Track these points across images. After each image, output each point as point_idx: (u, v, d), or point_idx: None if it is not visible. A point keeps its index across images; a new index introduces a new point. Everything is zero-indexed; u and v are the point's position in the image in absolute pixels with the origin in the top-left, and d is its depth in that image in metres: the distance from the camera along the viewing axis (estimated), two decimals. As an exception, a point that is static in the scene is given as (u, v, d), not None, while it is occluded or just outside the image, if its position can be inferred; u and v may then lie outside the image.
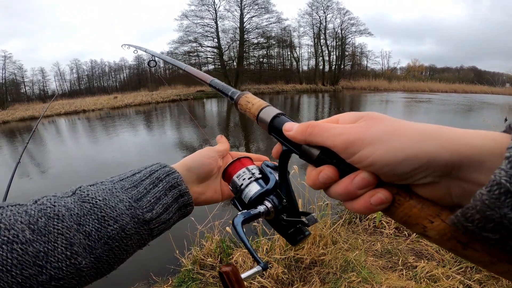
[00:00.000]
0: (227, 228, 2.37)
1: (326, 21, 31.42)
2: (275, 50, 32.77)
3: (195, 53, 29.38)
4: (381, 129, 0.25)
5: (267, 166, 0.43)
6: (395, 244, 2.39)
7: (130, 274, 2.52)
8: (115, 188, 0.37)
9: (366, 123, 0.27)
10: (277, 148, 0.36)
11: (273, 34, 31.24)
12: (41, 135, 13.98)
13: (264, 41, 30.98)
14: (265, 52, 31.51)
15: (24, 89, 32.67)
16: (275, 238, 2.28)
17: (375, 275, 1.94)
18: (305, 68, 34.98)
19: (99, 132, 11.78)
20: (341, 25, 31.59)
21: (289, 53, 33.33)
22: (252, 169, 0.44)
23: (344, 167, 0.27)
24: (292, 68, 33.55)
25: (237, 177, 0.43)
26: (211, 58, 30.12)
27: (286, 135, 0.33)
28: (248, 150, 6.87)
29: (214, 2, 28.48)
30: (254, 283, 1.97)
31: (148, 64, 0.82)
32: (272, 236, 2.33)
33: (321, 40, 32.14)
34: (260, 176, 0.43)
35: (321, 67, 32.78)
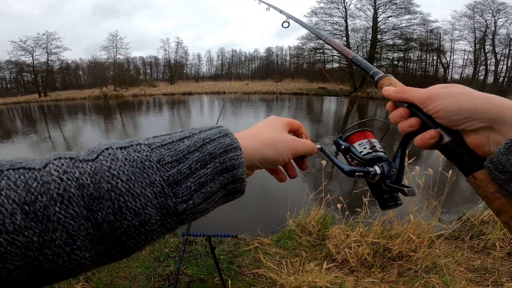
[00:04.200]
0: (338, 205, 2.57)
1: (495, 26, 24.79)
2: (416, 54, 28.54)
3: (321, 50, 28.84)
4: (453, 90, 0.35)
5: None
6: (498, 265, 2.24)
7: (242, 223, 3.25)
8: (150, 160, 0.27)
9: (445, 86, 0.36)
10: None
11: (414, 36, 27.24)
12: (190, 107, 18.18)
13: (402, 43, 27.55)
14: (401, 55, 28.07)
15: (186, 70, 43.37)
16: (374, 224, 2.48)
17: (456, 283, 1.97)
18: (456, 76, 28.79)
19: (229, 111, 14.33)
20: (521, 31, 24.10)
21: (435, 57, 28.32)
22: (373, 141, 0.48)
23: (422, 115, 0.38)
24: (437, 75, 28.37)
25: (358, 144, 0.48)
26: (337, 56, 29.28)
27: (384, 94, 0.43)
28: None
29: (344, 0, 27.34)
30: (340, 252, 2.37)
31: (282, 25, 0.85)
32: (372, 221, 2.52)
33: (486, 47, 25.64)
34: (380, 149, 0.47)
35: (481, 77, 26.37)
